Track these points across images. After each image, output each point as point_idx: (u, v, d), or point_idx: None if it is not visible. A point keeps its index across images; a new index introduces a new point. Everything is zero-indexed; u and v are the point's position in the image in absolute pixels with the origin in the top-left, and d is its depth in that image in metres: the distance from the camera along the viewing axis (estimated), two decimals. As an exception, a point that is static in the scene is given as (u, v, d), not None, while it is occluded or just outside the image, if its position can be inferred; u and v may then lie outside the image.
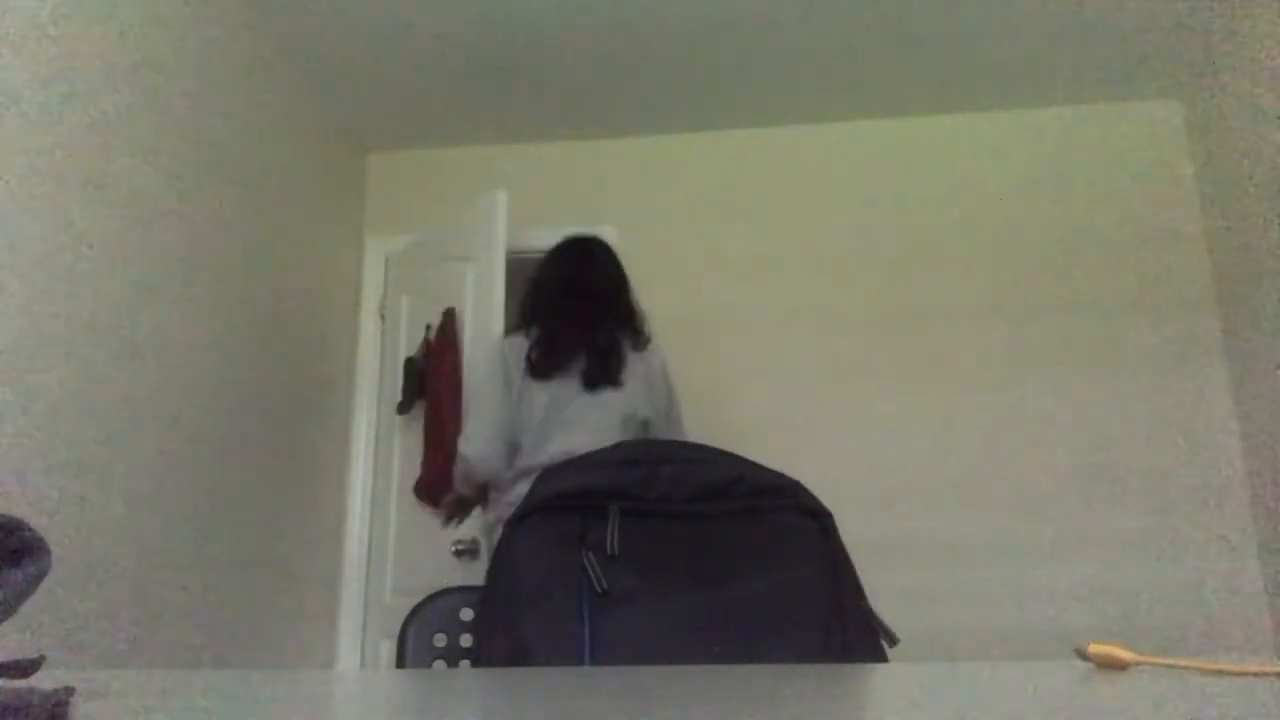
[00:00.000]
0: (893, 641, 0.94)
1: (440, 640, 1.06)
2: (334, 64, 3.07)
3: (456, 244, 3.13)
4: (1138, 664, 0.58)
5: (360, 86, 3.21)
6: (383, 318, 3.50)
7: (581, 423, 2.06)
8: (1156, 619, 2.90)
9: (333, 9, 2.79)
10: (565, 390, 2.10)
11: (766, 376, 3.25)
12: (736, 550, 0.96)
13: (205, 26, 2.52)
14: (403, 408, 3.17)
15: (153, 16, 2.28)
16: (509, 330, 2.34)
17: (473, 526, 2.75)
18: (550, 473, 1.02)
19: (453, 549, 2.74)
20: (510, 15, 2.82)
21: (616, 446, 1.04)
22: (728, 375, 3.26)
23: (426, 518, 2.92)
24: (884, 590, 2.99)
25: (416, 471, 3.06)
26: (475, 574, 2.63)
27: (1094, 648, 0.58)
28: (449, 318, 3.06)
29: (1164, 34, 2.95)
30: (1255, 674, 0.50)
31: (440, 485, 2.82)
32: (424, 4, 2.77)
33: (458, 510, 2.35)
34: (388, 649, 3.11)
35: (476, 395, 2.22)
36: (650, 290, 3.40)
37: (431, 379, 3.04)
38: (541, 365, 2.11)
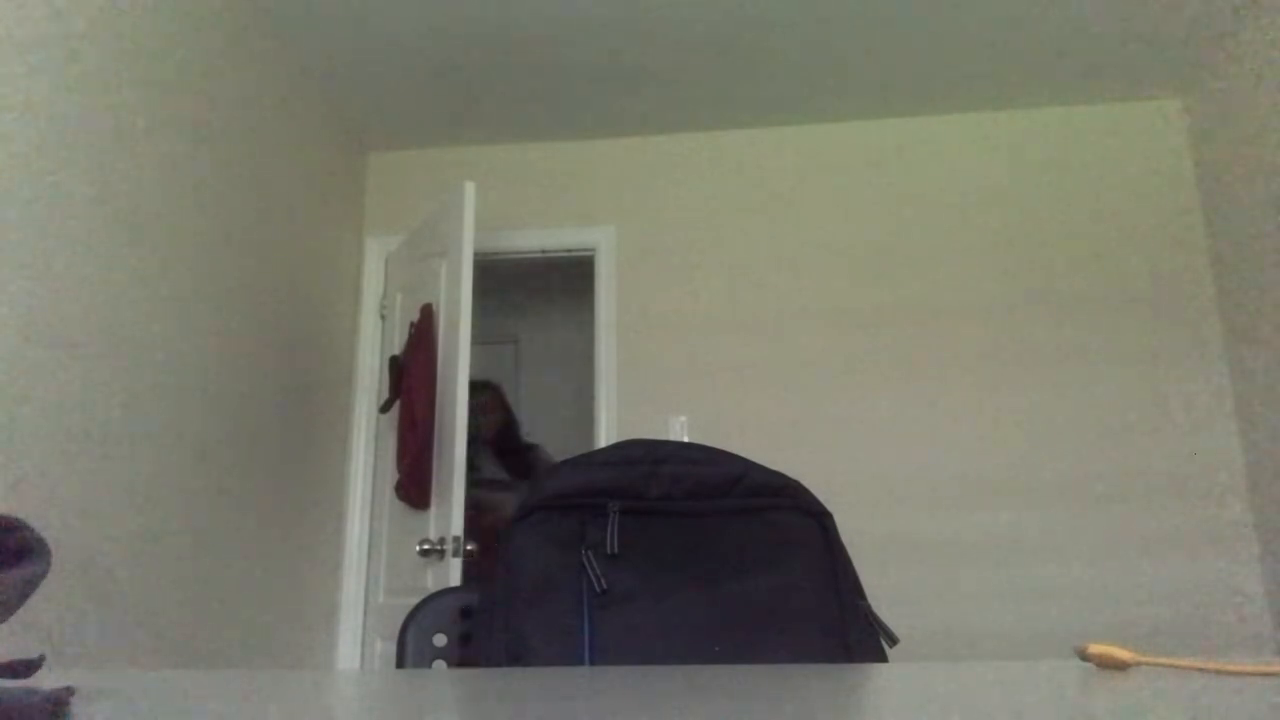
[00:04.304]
0: (893, 641, 0.93)
1: (440, 640, 1.06)
2: (334, 64, 3.07)
3: (435, 240, 3.10)
4: (1138, 664, 0.58)
5: (360, 86, 3.21)
6: (383, 318, 3.49)
7: None
8: (1156, 619, 2.90)
9: (334, 9, 2.79)
10: None
11: (766, 376, 3.25)
12: (736, 549, 0.96)
13: (206, 28, 2.52)
14: (385, 406, 3.13)
15: (154, 19, 2.28)
16: None
17: (439, 527, 2.74)
18: (550, 472, 1.02)
19: (419, 549, 2.73)
20: (512, 16, 2.82)
21: (616, 446, 1.04)
22: (727, 375, 3.26)
23: (416, 518, 2.90)
24: (884, 590, 3.02)
25: (394, 472, 3.02)
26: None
27: (1094, 648, 0.58)
28: (426, 314, 3.00)
29: (1164, 34, 2.95)
30: (1255, 674, 0.50)
31: (417, 483, 2.79)
32: (425, 4, 2.77)
33: None
34: (380, 649, 3.10)
35: None
36: (650, 290, 3.40)
37: (407, 376, 2.98)
38: None
